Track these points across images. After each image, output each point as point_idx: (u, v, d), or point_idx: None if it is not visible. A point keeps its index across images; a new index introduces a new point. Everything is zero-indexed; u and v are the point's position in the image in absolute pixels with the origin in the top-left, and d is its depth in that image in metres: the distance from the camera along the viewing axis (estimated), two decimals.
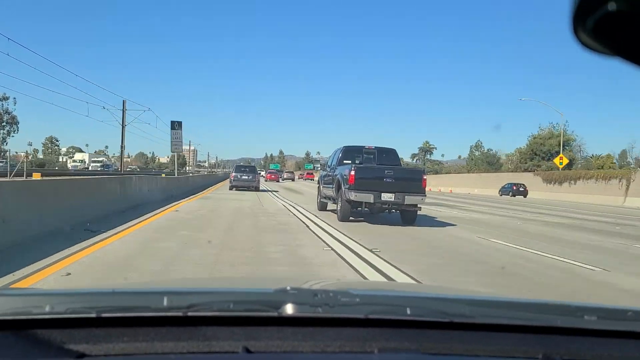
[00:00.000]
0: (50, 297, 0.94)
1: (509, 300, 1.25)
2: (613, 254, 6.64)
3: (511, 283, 4.52)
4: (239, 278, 3.65)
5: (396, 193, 9.01)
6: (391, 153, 11.33)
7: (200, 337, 0.86)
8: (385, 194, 8.98)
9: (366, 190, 8.96)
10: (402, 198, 9.01)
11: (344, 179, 9.27)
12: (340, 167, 10.14)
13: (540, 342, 0.91)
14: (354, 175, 9.00)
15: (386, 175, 9.16)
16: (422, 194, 9.14)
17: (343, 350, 0.86)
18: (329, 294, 0.93)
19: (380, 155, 11.14)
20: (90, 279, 3.73)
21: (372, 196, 8.90)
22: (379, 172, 9.33)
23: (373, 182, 9.08)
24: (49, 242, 5.02)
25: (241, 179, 23.28)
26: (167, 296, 0.91)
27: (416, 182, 9.33)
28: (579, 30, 0.55)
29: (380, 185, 9.02)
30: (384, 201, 8.94)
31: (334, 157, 11.49)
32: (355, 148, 11.21)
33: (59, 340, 0.85)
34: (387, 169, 9.39)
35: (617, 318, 1.00)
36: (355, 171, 9.01)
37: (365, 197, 8.92)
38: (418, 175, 9.61)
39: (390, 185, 9.09)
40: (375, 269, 4.69)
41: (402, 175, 9.50)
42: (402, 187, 9.03)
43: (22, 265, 4.02)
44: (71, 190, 7.23)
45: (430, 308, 0.97)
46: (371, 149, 11.17)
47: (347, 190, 9.04)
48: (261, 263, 4.78)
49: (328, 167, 11.92)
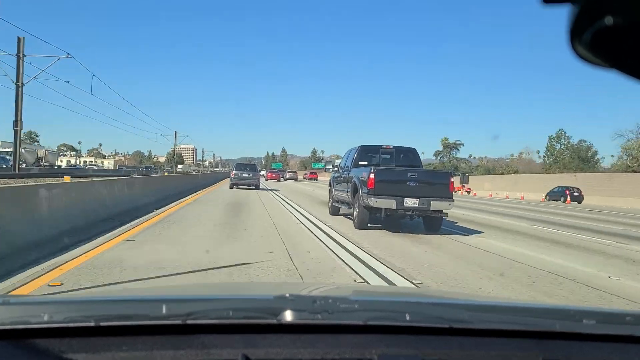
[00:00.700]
0: (48, 306, 1.01)
1: (508, 305, 1.33)
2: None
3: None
4: (238, 284, 3.78)
5: (421, 198, 8.73)
6: (411, 153, 11.07)
7: (199, 345, 0.91)
8: (409, 199, 8.72)
9: (387, 195, 8.70)
10: (428, 204, 8.70)
11: (362, 183, 9.04)
12: (357, 169, 9.98)
13: (539, 346, 0.95)
14: (373, 179, 8.73)
15: (409, 178, 8.85)
16: (449, 198, 8.88)
17: (342, 357, 0.90)
18: (328, 300, 0.99)
19: (399, 155, 10.90)
20: None
21: (394, 202, 8.63)
22: (402, 175, 9.05)
23: (395, 186, 8.83)
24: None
25: (241, 177, 24.52)
26: (165, 304, 0.96)
27: (442, 186, 9.02)
28: (576, 44, 0.60)
29: (403, 189, 8.75)
30: (407, 207, 8.66)
31: (348, 157, 11.29)
32: (372, 147, 10.97)
33: (58, 350, 0.88)
34: (410, 171, 9.12)
35: (616, 322, 1.05)
36: (375, 174, 8.74)
37: (386, 203, 8.66)
38: (444, 178, 9.26)
39: (414, 190, 8.80)
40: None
41: (427, 178, 9.18)
42: (427, 192, 8.75)
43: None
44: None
45: (429, 314, 1.03)
46: (389, 149, 10.91)
47: (365, 195, 8.77)
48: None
49: (341, 168, 11.75)
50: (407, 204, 8.61)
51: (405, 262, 5.80)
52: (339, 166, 12.09)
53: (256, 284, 3.85)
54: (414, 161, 10.78)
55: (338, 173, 11.86)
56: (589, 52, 0.59)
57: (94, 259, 4.92)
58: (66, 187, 7.08)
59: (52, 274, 4.31)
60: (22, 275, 4.16)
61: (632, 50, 0.59)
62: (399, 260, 5.85)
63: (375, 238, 7.88)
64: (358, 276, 4.93)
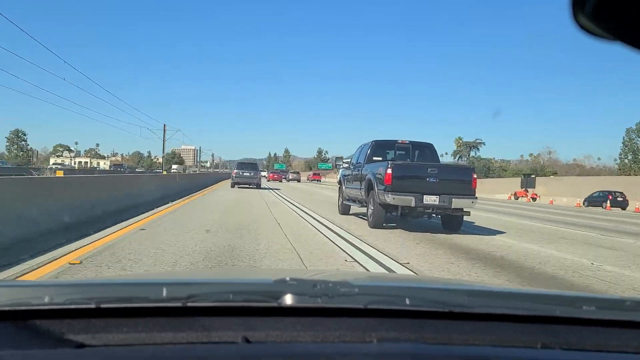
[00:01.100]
0: (49, 288, 1.06)
1: (508, 290, 1.44)
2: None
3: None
4: (238, 269, 3.85)
5: (441, 195, 8.52)
6: (427, 148, 10.90)
7: (199, 328, 0.95)
8: (428, 197, 8.49)
9: (406, 191, 8.49)
10: (449, 201, 8.51)
11: (378, 179, 8.90)
12: (371, 165, 9.86)
13: (539, 331, 0.99)
14: (391, 174, 8.53)
15: (429, 174, 8.70)
16: (472, 196, 8.69)
17: (342, 340, 0.94)
18: (329, 284, 1.02)
19: (415, 151, 10.73)
20: None
21: (413, 199, 8.42)
22: (421, 171, 8.87)
23: (414, 182, 8.68)
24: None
25: (243, 176, 25.85)
26: (166, 287, 1.01)
27: (465, 183, 8.84)
28: (579, 14, 0.62)
29: (422, 185, 8.59)
30: (426, 205, 8.49)
31: (360, 153, 11.16)
32: (387, 143, 10.85)
33: (58, 331, 0.92)
34: (430, 166, 8.96)
35: (616, 308, 1.10)
36: (393, 169, 8.55)
37: (404, 200, 8.46)
38: (467, 174, 9.08)
39: (434, 186, 8.61)
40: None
41: (448, 175, 9.00)
42: (448, 188, 8.57)
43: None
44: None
45: (429, 298, 1.06)
46: (405, 144, 10.73)
47: (382, 192, 8.64)
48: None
49: (352, 164, 11.59)
50: (426, 202, 8.44)
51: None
52: (350, 163, 11.95)
53: (257, 269, 3.89)
54: (431, 158, 10.58)
55: (349, 170, 11.71)
56: (591, 22, 0.61)
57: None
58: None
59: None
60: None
61: (633, 21, 0.60)
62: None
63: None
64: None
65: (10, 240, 5.28)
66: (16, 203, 5.77)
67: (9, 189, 5.99)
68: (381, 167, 8.85)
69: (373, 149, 10.57)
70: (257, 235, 7.17)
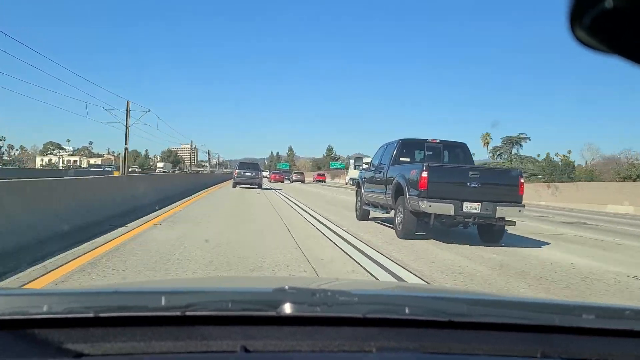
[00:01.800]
0: (48, 297, 1.12)
1: (508, 299, 1.46)
2: None
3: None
4: (237, 277, 4.03)
5: (483, 202, 8.06)
6: (460, 148, 10.54)
7: (198, 337, 1.02)
8: (469, 204, 8.05)
9: (444, 198, 8.07)
10: (493, 209, 8.02)
11: (410, 183, 8.52)
12: (398, 167, 9.57)
13: (538, 341, 1.06)
14: (426, 178, 8.08)
15: (470, 178, 8.23)
16: (518, 203, 8.22)
17: (342, 349, 1.02)
18: (327, 293, 1.09)
19: (446, 151, 10.33)
20: None
21: (452, 207, 7.98)
22: (461, 175, 8.44)
23: (452, 187, 8.27)
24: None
25: (244, 176, 27.40)
26: (165, 296, 1.08)
27: (511, 188, 8.34)
28: (576, 27, 0.65)
29: (462, 191, 8.15)
30: (467, 213, 8.07)
31: (384, 153, 10.81)
32: (415, 142, 10.44)
33: (57, 340, 0.97)
34: (471, 169, 8.53)
35: (615, 317, 1.16)
36: (429, 172, 8.12)
37: (442, 208, 8.03)
38: (513, 178, 8.56)
39: (475, 192, 8.17)
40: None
41: (491, 179, 8.54)
42: (491, 195, 8.14)
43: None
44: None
45: (428, 307, 1.13)
46: (435, 143, 10.31)
47: (414, 198, 8.24)
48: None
49: (373, 166, 11.26)
50: (466, 210, 8.04)
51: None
52: (371, 164, 11.63)
53: (255, 278, 4.02)
54: (464, 159, 10.27)
55: (370, 172, 11.40)
56: (589, 36, 0.64)
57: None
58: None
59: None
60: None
61: (632, 34, 0.64)
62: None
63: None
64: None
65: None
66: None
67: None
68: (414, 169, 8.53)
69: (399, 149, 10.18)
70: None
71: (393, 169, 9.73)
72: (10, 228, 5.59)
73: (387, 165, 10.11)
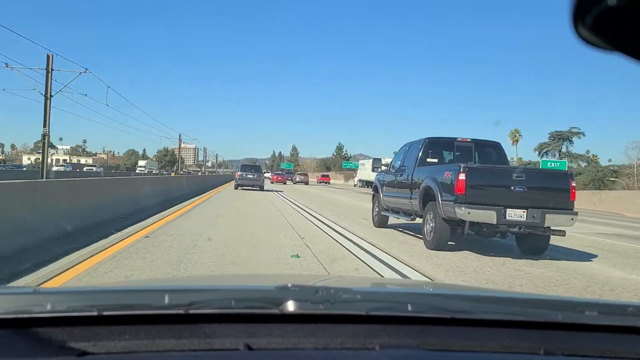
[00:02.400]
0: (51, 296, 1.20)
1: (510, 296, 1.54)
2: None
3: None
4: (240, 275, 4.17)
5: (530, 209, 7.49)
6: (493, 148, 9.98)
7: (201, 335, 1.08)
8: (513, 211, 7.45)
9: (484, 204, 7.53)
10: (541, 217, 7.44)
11: (443, 187, 8.07)
12: (427, 169, 9.16)
13: (541, 337, 1.11)
14: (464, 181, 7.55)
15: (515, 181, 7.61)
16: (569, 210, 7.65)
17: (344, 347, 1.07)
18: (330, 290, 1.15)
19: (478, 151, 9.75)
20: None
21: (494, 214, 7.41)
22: (504, 177, 7.88)
23: (494, 191, 7.76)
24: None
25: (246, 178, 29.29)
26: (168, 294, 1.14)
27: (561, 193, 7.75)
28: (579, 26, 0.68)
29: (504, 196, 7.62)
30: (511, 222, 7.49)
31: (407, 154, 10.38)
32: (443, 141, 9.98)
33: (61, 339, 1.02)
34: (515, 171, 7.99)
35: (618, 313, 1.21)
36: (467, 174, 7.62)
37: (484, 216, 7.48)
38: (563, 181, 7.96)
39: (520, 197, 7.58)
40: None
41: (539, 182, 7.96)
42: (539, 200, 7.61)
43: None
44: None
45: (431, 304, 1.19)
46: (467, 142, 9.77)
47: (449, 204, 7.79)
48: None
49: (393, 167, 10.81)
50: (510, 217, 7.48)
51: None
52: (390, 166, 11.21)
53: (258, 276, 4.14)
54: (497, 159, 9.72)
55: (390, 174, 10.95)
56: (592, 34, 0.66)
57: None
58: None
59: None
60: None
61: (635, 32, 0.67)
62: None
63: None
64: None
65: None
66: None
67: None
68: (448, 171, 8.13)
69: (426, 149, 9.75)
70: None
71: (420, 171, 9.40)
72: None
73: (412, 167, 9.77)
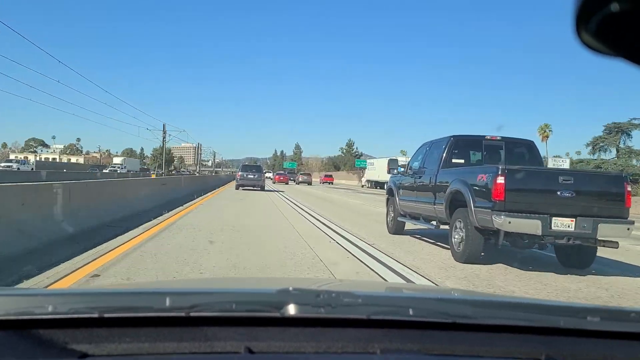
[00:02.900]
0: (53, 297, 1.23)
1: (512, 301, 1.55)
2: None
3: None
4: (242, 279, 4.29)
5: (579, 218, 6.83)
6: (526, 147, 9.28)
7: (202, 338, 1.12)
8: (560, 220, 6.75)
9: (526, 211, 6.83)
10: (592, 227, 6.76)
11: (476, 191, 7.52)
12: (452, 171, 8.61)
13: (543, 343, 1.14)
14: (503, 185, 6.84)
15: (562, 185, 6.90)
16: (625, 220, 7.02)
17: (345, 351, 1.11)
18: (332, 294, 1.19)
19: (510, 150, 9.07)
20: None
21: (539, 224, 6.69)
22: (549, 180, 7.19)
23: (538, 197, 7.05)
24: None
25: (247, 178, 30.35)
26: (169, 296, 1.19)
27: (615, 198, 7.13)
28: (582, 31, 0.70)
29: (550, 202, 6.92)
30: (557, 232, 6.80)
31: (427, 154, 9.86)
32: (471, 139, 9.35)
33: (62, 340, 1.06)
34: (562, 173, 7.43)
35: (620, 319, 1.24)
36: (507, 176, 6.92)
37: (526, 226, 6.76)
38: (616, 184, 7.31)
39: (568, 204, 6.87)
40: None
41: (590, 186, 7.24)
42: (589, 207, 6.99)
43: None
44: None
45: (433, 309, 1.23)
46: (496, 140, 9.11)
47: (485, 212, 7.15)
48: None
49: (411, 169, 10.30)
50: (556, 227, 6.79)
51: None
52: (407, 167, 10.67)
53: (260, 279, 4.23)
54: (530, 160, 9.05)
55: (407, 177, 10.44)
56: (595, 39, 0.68)
57: None
58: None
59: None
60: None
61: (637, 38, 0.70)
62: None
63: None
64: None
65: None
66: None
67: None
68: (483, 173, 7.54)
69: (451, 148, 9.20)
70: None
71: (445, 173, 8.95)
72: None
73: (436, 168, 9.32)
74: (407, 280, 6.46)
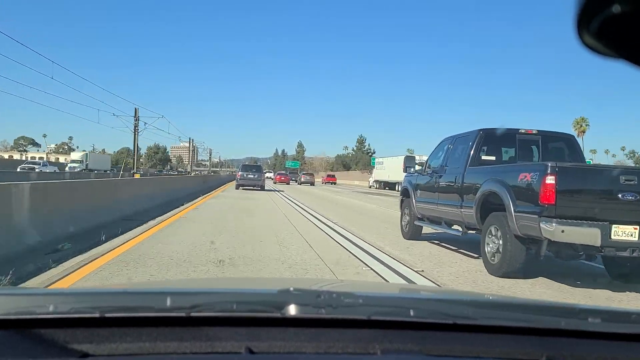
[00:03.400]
0: (54, 297, 1.27)
1: (512, 301, 1.65)
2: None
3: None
4: (242, 279, 4.29)
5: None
6: (565, 142, 8.28)
7: (203, 338, 1.15)
8: (622, 228, 5.91)
9: (583, 218, 5.99)
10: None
11: (518, 193, 6.71)
12: (483, 169, 7.81)
13: (543, 344, 1.17)
14: (554, 186, 5.98)
15: (623, 187, 6.03)
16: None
17: (346, 351, 1.15)
18: (332, 295, 1.23)
19: (547, 146, 8.09)
20: None
21: (598, 233, 5.85)
22: (607, 180, 6.29)
23: (595, 200, 6.19)
24: None
25: (247, 178, 31.42)
26: (170, 296, 1.22)
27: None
28: (584, 33, 0.70)
29: (609, 207, 6.08)
30: (619, 243, 5.94)
31: (450, 150, 8.98)
32: (502, 133, 8.35)
33: (63, 340, 1.08)
34: (623, 172, 6.33)
35: (621, 320, 1.27)
36: (558, 176, 6.07)
37: (583, 235, 5.88)
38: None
39: (630, 209, 6.00)
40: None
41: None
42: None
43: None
44: None
45: (433, 310, 1.26)
46: (532, 134, 8.09)
47: (531, 218, 6.33)
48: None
49: (430, 167, 9.50)
50: (617, 237, 5.95)
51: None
52: (426, 165, 9.84)
53: (261, 279, 4.32)
54: (570, 157, 8.14)
55: (426, 175, 9.55)
56: (597, 41, 0.69)
57: None
58: None
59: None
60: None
61: (638, 39, 0.71)
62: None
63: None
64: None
65: None
66: None
67: None
68: (526, 172, 6.69)
69: (480, 143, 8.32)
70: None
71: (474, 172, 8.24)
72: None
73: (462, 166, 8.55)
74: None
